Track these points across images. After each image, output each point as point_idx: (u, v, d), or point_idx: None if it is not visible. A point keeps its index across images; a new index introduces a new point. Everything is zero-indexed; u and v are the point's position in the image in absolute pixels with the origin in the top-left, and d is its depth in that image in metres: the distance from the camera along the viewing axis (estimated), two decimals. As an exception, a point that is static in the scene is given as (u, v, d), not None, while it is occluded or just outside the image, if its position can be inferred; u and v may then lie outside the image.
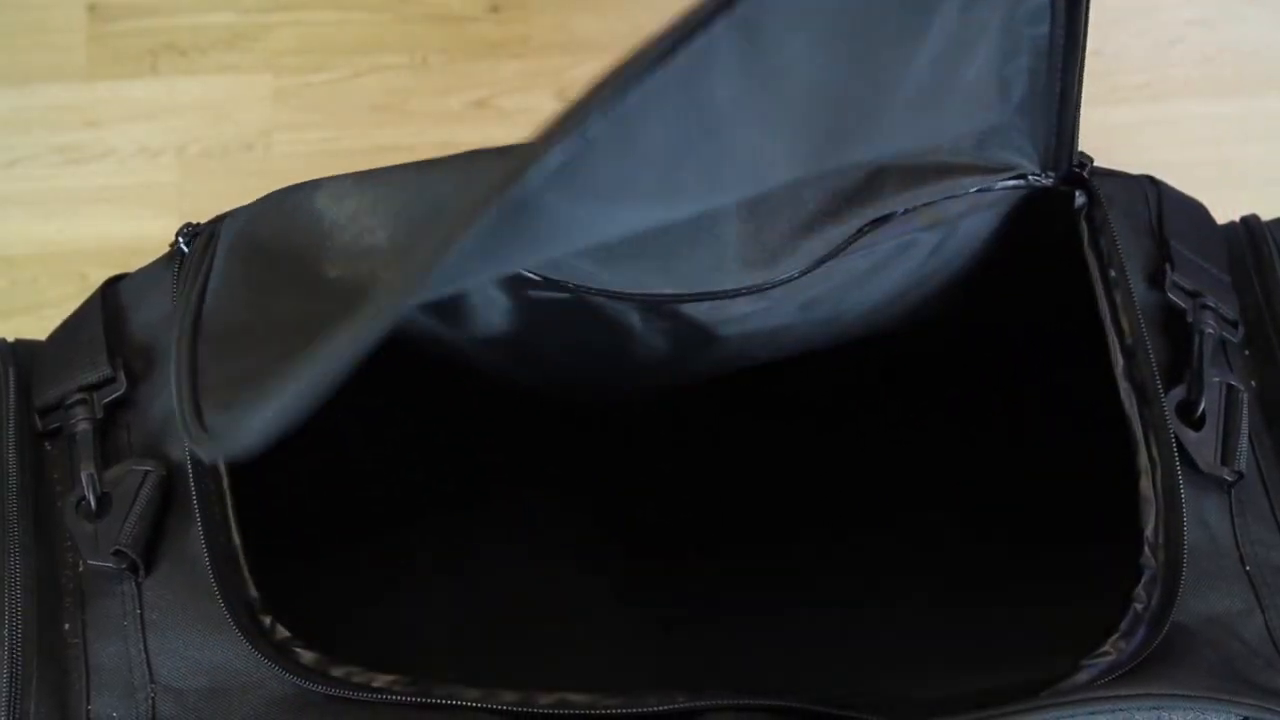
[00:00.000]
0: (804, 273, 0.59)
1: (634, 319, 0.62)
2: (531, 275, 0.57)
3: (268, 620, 0.51)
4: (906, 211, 0.59)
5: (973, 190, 0.60)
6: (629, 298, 0.58)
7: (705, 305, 0.60)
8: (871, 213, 0.58)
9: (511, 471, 0.75)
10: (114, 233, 0.83)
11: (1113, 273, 0.58)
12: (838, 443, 0.78)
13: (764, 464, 0.77)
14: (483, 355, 0.65)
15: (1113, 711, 0.48)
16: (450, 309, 0.62)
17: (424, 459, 0.72)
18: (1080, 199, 0.60)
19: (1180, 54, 0.92)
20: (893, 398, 0.79)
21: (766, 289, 0.59)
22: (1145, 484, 0.55)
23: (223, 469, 0.53)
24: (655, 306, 0.60)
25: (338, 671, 0.49)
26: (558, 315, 0.61)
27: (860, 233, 0.59)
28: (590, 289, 0.58)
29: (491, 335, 0.63)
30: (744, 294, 0.59)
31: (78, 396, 0.54)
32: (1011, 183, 0.60)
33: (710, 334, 0.63)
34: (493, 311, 0.62)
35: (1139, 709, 0.48)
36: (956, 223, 0.61)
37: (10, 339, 0.58)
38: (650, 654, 0.70)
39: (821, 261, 0.59)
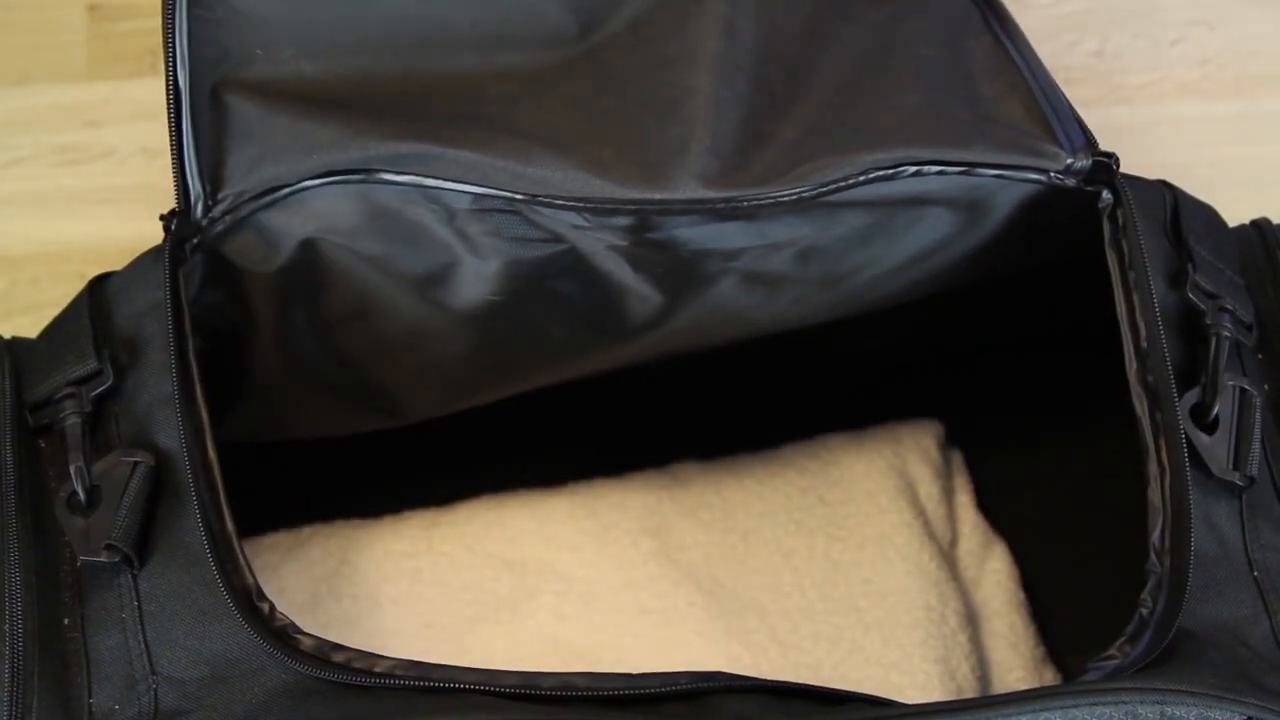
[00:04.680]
0: (797, 198, 0.59)
1: (624, 269, 0.62)
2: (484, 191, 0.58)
3: (266, 607, 0.51)
4: (917, 172, 0.59)
5: (990, 175, 0.60)
6: (598, 204, 0.58)
7: (692, 229, 0.60)
8: (880, 157, 0.59)
9: (494, 464, 0.75)
10: (114, 233, 0.83)
11: (1133, 273, 0.58)
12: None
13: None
14: (469, 343, 0.65)
15: (1116, 704, 0.48)
16: (440, 281, 0.62)
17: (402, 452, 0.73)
18: (1106, 197, 0.60)
19: (1180, 54, 0.92)
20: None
21: (752, 205, 0.59)
22: (1153, 491, 0.54)
23: (213, 456, 0.53)
24: (640, 227, 0.60)
25: (338, 657, 0.49)
26: (548, 278, 0.62)
27: (866, 175, 0.59)
28: (556, 198, 0.58)
29: (480, 311, 0.64)
30: (729, 210, 0.59)
31: (66, 391, 0.54)
32: (1033, 176, 0.60)
33: (701, 272, 0.62)
34: (482, 284, 0.62)
35: (1143, 703, 0.48)
36: (973, 205, 0.62)
37: (7, 337, 0.58)
38: None
39: (818, 193, 0.59)
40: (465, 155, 0.58)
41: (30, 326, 0.59)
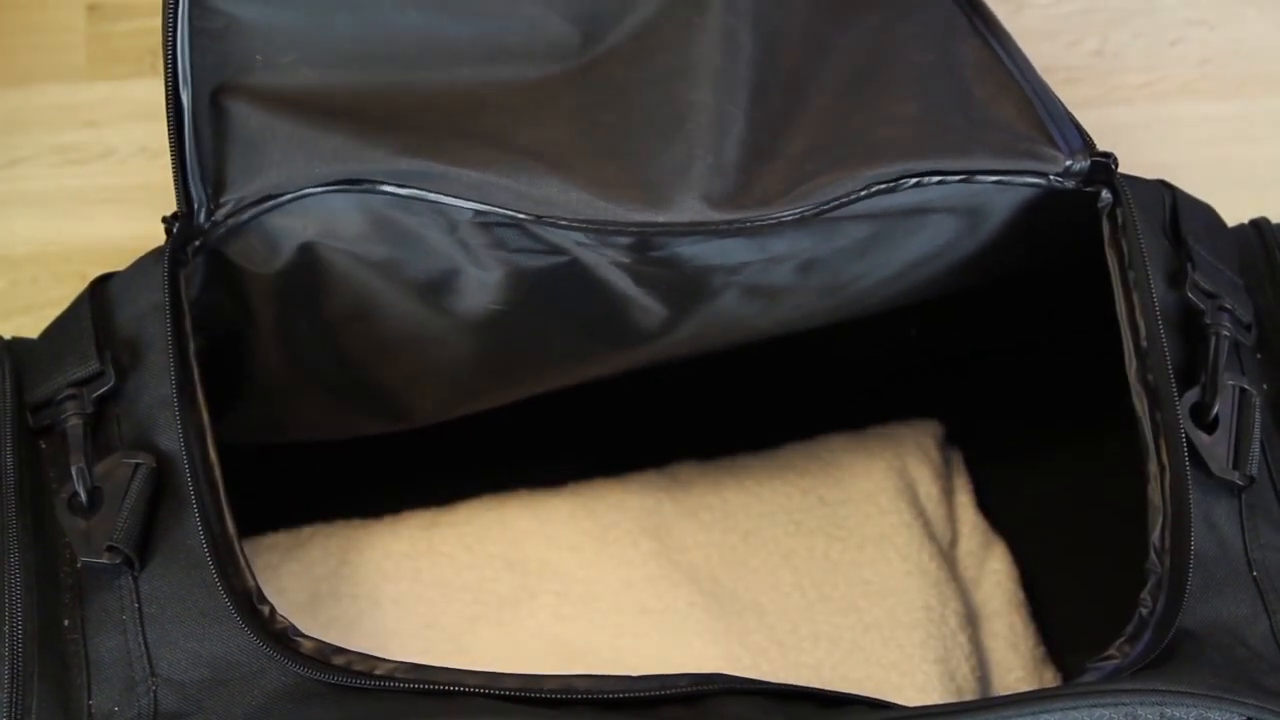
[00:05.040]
0: (800, 216, 0.58)
1: (627, 283, 0.62)
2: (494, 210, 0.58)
3: (266, 610, 0.51)
4: (918, 183, 0.59)
5: (990, 181, 0.60)
6: (601, 225, 0.58)
7: (695, 246, 0.60)
8: (880, 171, 0.59)
9: (494, 464, 0.75)
10: (114, 233, 0.83)
11: (1132, 273, 0.58)
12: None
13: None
14: (470, 349, 0.65)
15: (1115, 706, 0.48)
16: (442, 288, 0.62)
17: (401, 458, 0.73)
18: (1105, 197, 0.60)
19: (1180, 54, 0.92)
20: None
21: (755, 225, 0.58)
22: (1153, 490, 0.54)
23: (214, 458, 0.53)
24: (643, 246, 0.59)
25: (338, 660, 0.49)
26: (550, 289, 0.62)
27: (868, 189, 0.59)
28: (560, 219, 0.58)
29: (482, 319, 0.64)
30: (731, 229, 0.59)
31: (68, 392, 0.54)
32: (1032, 179, 0.60)
33: (704, 286, 0.62)
34: (484, 292, 0.62)
35: (1142, 704, 0.48)
36: (972, 211, 0.62)
37: (8, 338, 0.58)
38: None
39: (821, 210, 0.58)
40: (468, 174, 0.57)
41: (30, 326, 0.59)
